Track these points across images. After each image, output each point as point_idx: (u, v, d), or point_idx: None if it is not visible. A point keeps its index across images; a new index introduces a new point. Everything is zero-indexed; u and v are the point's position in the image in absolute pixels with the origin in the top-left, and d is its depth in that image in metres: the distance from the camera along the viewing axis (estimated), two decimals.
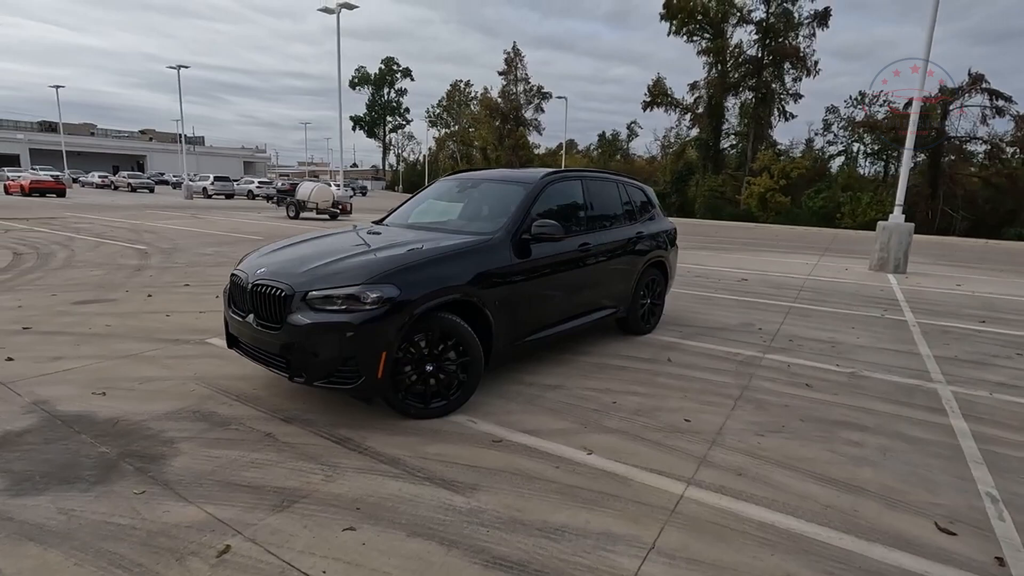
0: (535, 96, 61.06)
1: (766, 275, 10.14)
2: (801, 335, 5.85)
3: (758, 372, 4.61)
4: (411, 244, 3.79)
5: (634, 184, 5.70)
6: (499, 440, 3.27)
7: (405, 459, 3.02)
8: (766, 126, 41.01)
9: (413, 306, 3.24)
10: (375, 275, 3.23)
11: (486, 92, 64.11)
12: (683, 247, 14.86)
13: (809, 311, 7.09)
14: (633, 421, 3.58)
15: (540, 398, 3.92)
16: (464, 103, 72.99)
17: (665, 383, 4.30)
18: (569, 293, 4.54)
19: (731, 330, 5.96)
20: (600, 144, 71.10)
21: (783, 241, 19.72)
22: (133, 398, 3.74)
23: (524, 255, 4.05)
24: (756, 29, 39.33)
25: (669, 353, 5.06)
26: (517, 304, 3.97)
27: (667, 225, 5.96)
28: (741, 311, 6.92)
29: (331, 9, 22.22)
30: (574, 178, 4.86)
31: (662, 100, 43.84)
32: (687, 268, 10.58)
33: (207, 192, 37.68)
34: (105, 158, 71.14)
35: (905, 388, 4.37)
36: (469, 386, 3.58)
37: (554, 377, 4.35)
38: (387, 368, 3.19)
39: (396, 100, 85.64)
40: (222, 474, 2.82)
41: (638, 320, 5.48)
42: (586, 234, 4.71)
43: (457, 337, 3.48)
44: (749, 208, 36.98)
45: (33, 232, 13.44)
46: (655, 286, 5.68)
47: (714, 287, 8.61)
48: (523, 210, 4.16)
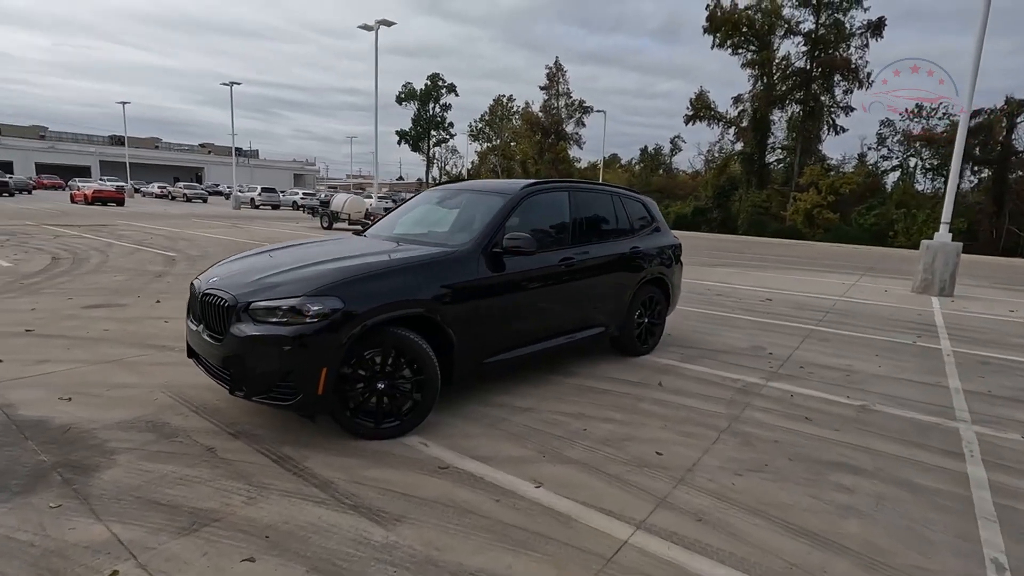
0: (576, 110, 60.96)
1: (793, 295, 9.55)
2: (814, 361, 5.38)
3: (754, 402, 4.22)
4: (374, 255, 3.66)
5: (632, 197, 5.42)
6: (446, 467, 3.06)
7: (339, 483, 2.84)
8: (814, 140, 39.49)
9: (359, 320, 3.08)
10: (319, 287, 3.10)
11: (527, 107, 64.54)
12: (711, 263, 14.37)
13: (831, 335, 6.56)
14: (598, 452, 3.30)
15: (505, 421, 3.69)
16: (506, 118, 73.63)
17: (647, 410, 3.98)
18: (549, 310, 4.30)
19: (738, 353, 5.55)
20: (642, 158, 70.22)
21: (825, 259, 18.73)
22: (96, 405, 3.72)
23: (497, 269, 3.85)
24: (804, 40, 38.09)
25: (661, 377, 4.73)
26: (486, 321, 3.76)
27: (669, 240, 5.64)
28: (755, 333, 6.48)
29: (370, 26, 22.82)
30: (560, 189, 4.63)
31: (705, 114, 42.93)
32: (708, 286, 10.10)
33: (254, 203, 39.16)
34: (167, 170, 75.32)
35: (920, 426, 3.90)
36: (423, 407, 3.39)
37: (528, 399, 4.10)
38: (329, 385, 3.04)
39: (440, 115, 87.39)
40: (146, 490, 2.71)
41: (633, 340, 5.17)
42: (571, 248, 4.46)
43: (411, 354, 3.30)
44: (795, 224, 35.56)
45: (80, 238, 14.14)
46: (653, 304, 5.35)
47: (733, 307, 8.14)
48: (497, 222, 3.96)
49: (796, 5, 37.73)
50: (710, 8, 38.76)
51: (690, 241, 23.89)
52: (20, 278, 8.33)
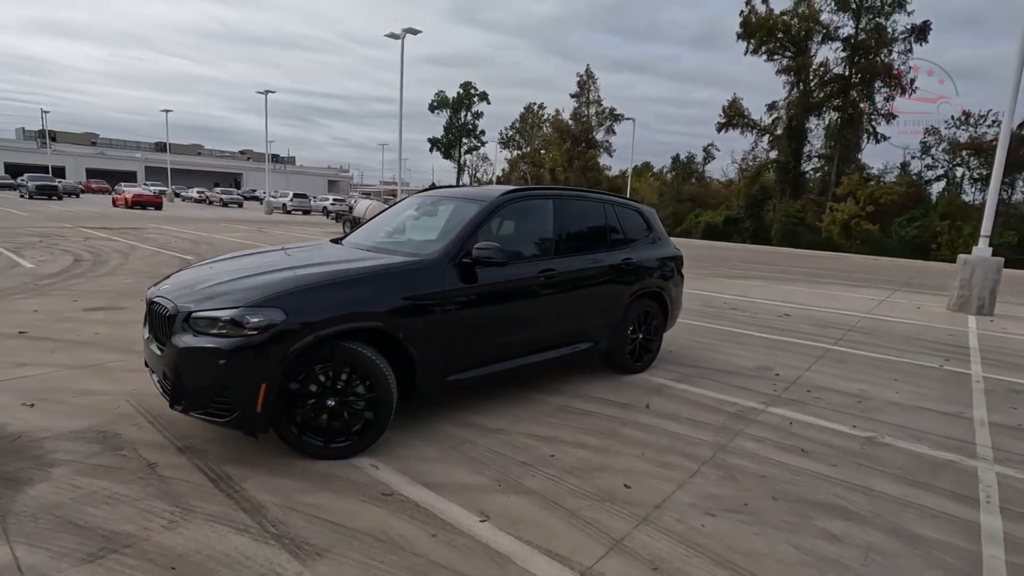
0: (607, 118, 60.50)
1: (816, 311, 9.02)
2: (824, 385, 4.97)
3: (748, 429, 3.87)
4: (335, 264, 3.48)
5: (628, 205, 5.13)
6: (390, 493, 2.84)
7: (270, 508, 2.66)
8: (853, 148, 38.09)
9: (303, 333, 2.90)
10: (261, 297, 2.93)
11: (558, 114, 64.41)
12: (734, 275, 13.81)
13: (848, 356, 6.10)
14: (561, 482, 3.03)
15: (469, 444, 3.45)
16: (536, 125, 73.64)
17: (627, 435, 3.69)
18: (527, 325, 4.05)
19: (741, 374, 5.18)
20: (674, 166, 69.13)
21: (859, 273, 17.85)
22: (55, 412, 3.65)
23: (468, 280, 3.63)
24: (843, 46, 36.87)
25: (651, 398, 4.42)
26: (453, 335, 3.54)
27: (669, 252, 5.32)
28: (765, 351, 6.07)
29: (397, 35, 23.07)
30: (543, 197, 4.39)
31: (738, 121, 41.99)
32: (725, 299, 9.65)
33: (286, 208, 40.01)
34: (208, 175, 77.96)
35: (932, 464, 3.49)
36: (376, 427, 3.18)
37: (502, 418, 3.85)
38: (268, 402, 2.86)
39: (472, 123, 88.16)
40: (68, 509, 2.58)
41: (625, 357, 4.86)
42: (553, 259, 4.21)
43: (364, 370, 3.10)
44: (831, 236, 34.29)
45: (108, 240, 14.56)
46: (649, 319, 5.04)
47: (746, 322, 7.71)
48: (468, 231, 3.74)
49: (835, 9, 36.61)
50: (744, 14, 37.93)
51: (717, 252, 23.23)
52: (37, 279, 8.52)
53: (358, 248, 4.06)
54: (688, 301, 9.11)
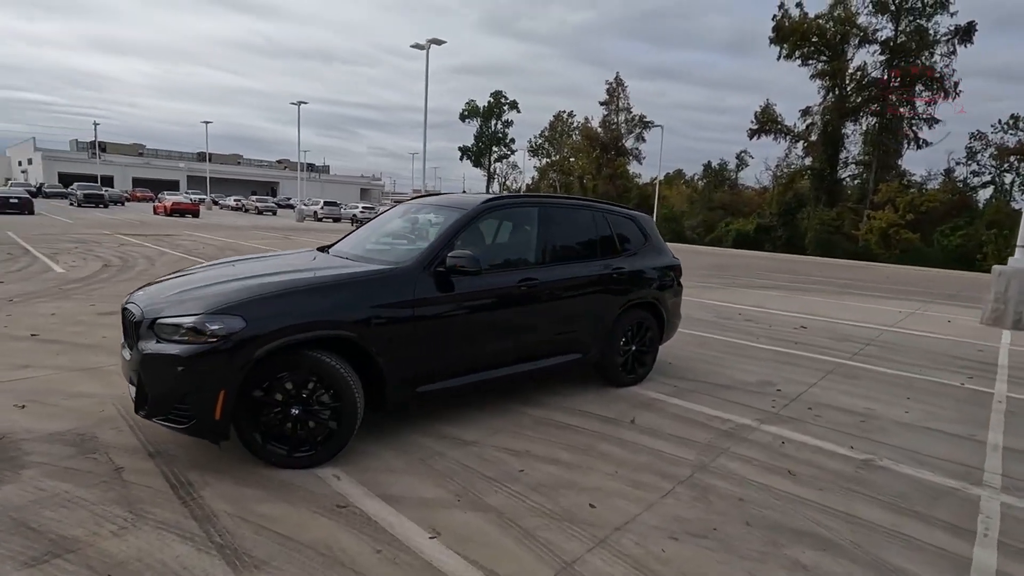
0: (636, 125, 59.98)
1: (835, 323, 8.63)
2: (828, 402, 4.72)
3: (735, 448, 3.69)
4: (307, 271, 3.48)
5: (621, 213, 5.00)
6: (345, 505, 2.79)
7: (222, 517, 2.64)
8: (892, 154, 36.73)
9: (264, 341, 2.89)
10: (221, 305, 2.93)
11: (587, 122, 64.23)
12: (755, 285, 13.37)
13: (862, 372, 5.80)
14: (523, 499, 2.93)
15: (438, 456, 3.38)
16: (566, 133, 73.59)
17: (604, 452, 3.56)
18: (507, 335, 3.97)
19: (740, 389, 4.96)
20: (705, 174, 68.01)
21: (894, 284, 17.11)
22: (43, 414, 3.74)
23: (444, 289, 3.59)
24: (882, 49, 35.68)
25: (639, 412, 4.27)
26: (425, 345, 3.49)
27: (666, 261, 5.16)
28: (772, 366, 5.82)
29: (422, 45, 23.41)
30: (527, 205, 4.31)
31: (771, 127, 41.05)
32: (740, 309, 9.34)
33: (317, 215, 40.89)
34: (246, 184, 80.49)
35: (932, 491, 3.25)
36: (340, 437, 3.14)
37: (478, 430, 3.77)
38: (227, 410, 2.86)
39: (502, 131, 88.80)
40: (26, 511, 2.61)
41: (617, 369, 4.72)
42: (536, 268, 4.12)
43: (329, 380, 3.07)
44: (868, 245, 33.07)
45: (140, 247, 15.10)
46: (643, 331, 4.89)
47: (758, 334, 7.43)
48: (444, 240, 3.69)
49: (872, 12, 35.50)
50: (776, 19, 37.15)
51: (744, 260, 22.64)
52: (63, 283, 8.87)
53: (339, 256, 4.06)
54: (700, 311, 8.87)
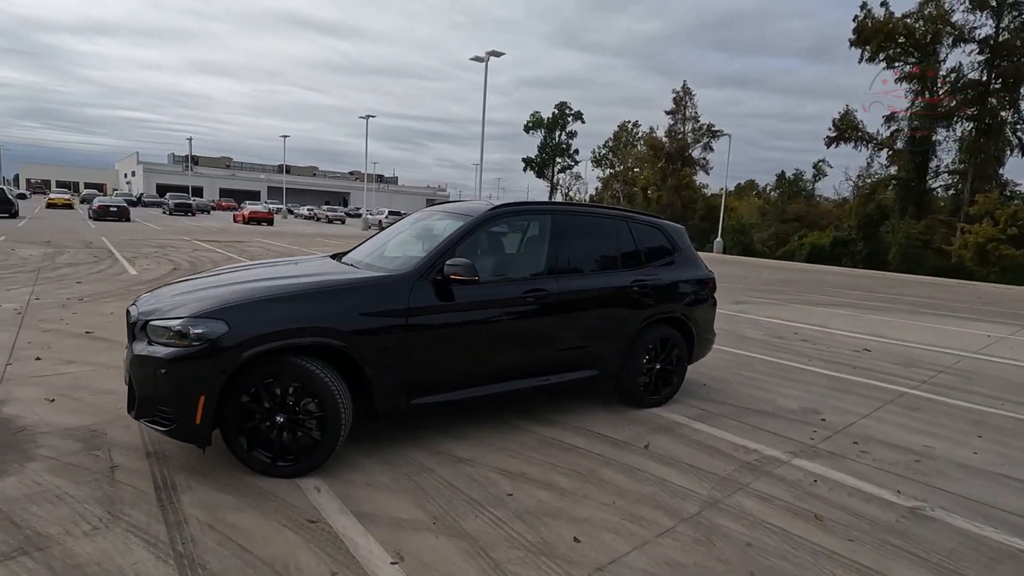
0: (704, 134, 58.10)
1: (907, 347, 7.77)
2: (879, 437, 4.18)
3: (756, 483, 3.30)
4: (303, 278, 3.45)
5: (646, 222, 4.69)
6: (315, 520, 2.69)
7: (192, 524, 2.61)
8: (992, 162, 33.43)
9: (246, 346, 2.86)
10: (206, 309, 2.93)
11: (652, 132, 62.94)
12: (821, 302, 12.33)
13: (926, 403, 5.13)
14: (503, 527, 2.72)
15: (427, 473, 3.23)
16: (630, 143, 72.46)
17: (606, 479, 3.28)
18: (512, 348, 3.78)
19: (778, 416, 4.50)
20: (778, 184, 64.80)
21: (987, 304, 15.36)
22: (67, 409, 3.92)
23: (445, 298, 3.46)
24: (980, 48, 32.68)
25: (656, 437, 3.94)
26: (420, 355, 3.37)
27: (696, 273, 4.79)
28: (820, 392, 5.27)
29: (481, 58, 23.73)
30: (539, 212, 4.12)
31: (851, 135, 38.49)
32: (797, 328, 8.63)
33: (381, 224, 42.30)
34: (320, 194, 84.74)
35: (991, 551, 2.74)
36: (323, 448, 3.06)
37: (476, 447, 3.60)
38: (208, 413, 2.84)
39: (566, 142, 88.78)
40: (16, 505, 2.69)
41: (637, 389, 4.41)
42: (545, 278, 3.91)
43: (313, 388, 3.00)
44: (962, 261, 30.15)
45: (212, 252, 16.07)
46: (668, 348, 4.54)
47: (812, 356, 6.80)
48: (444, 248, 3.57)
49: (970, 8, 32.61)
50: (859, 19, 34.92)
51: (815, 276, 21.20)
52: (132, 284, 9.52)
53: (348, 264, 4.02)
54: (751, 329, 8.27)
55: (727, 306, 10.65)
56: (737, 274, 19.82)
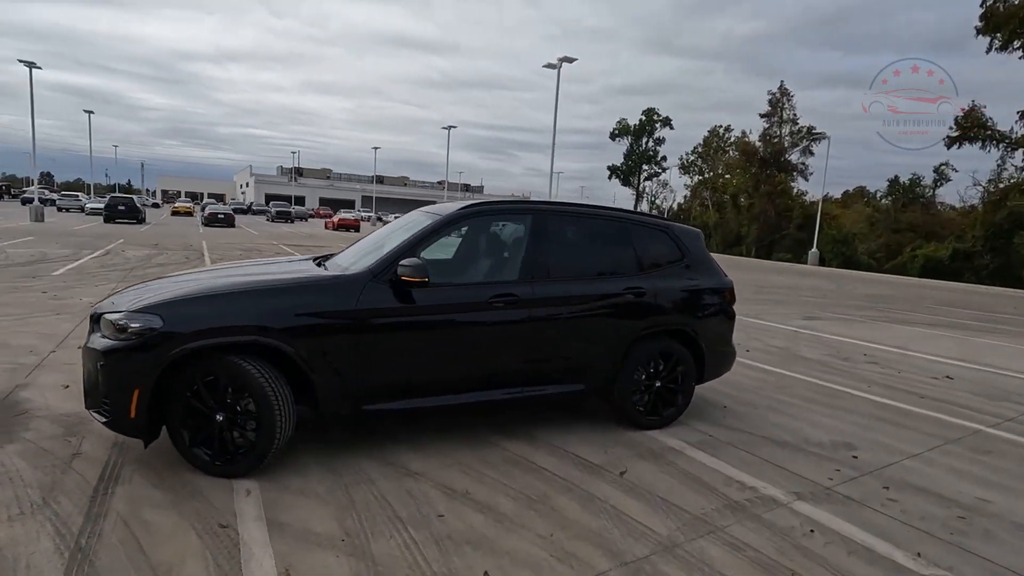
0: (803, 137, 54.05)
1: (1001, 376, 6.53)
2: (922, 483, 3.45)
3: (732, 527, 2.81)
4: (258, 277, 3.42)
5: (649, 224, 4.25)
6: (225, 526, 2.60)
7: (110, 518, 2.61)
8: None
9: (180, 342, 2.85)
10: (146, 304, 2.96)
11: (744, 136, 59.60)
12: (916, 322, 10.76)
13: (1004, 446, 4.21)
14: (413, 551, 2.48)
15: (367, 484, 3.06)
16: (721, 149, 69.05)
17: (558, 507, 2.94)
18: (477, 356, 3.53)
19: (800, 449, 3.88)
20: (890, 190, 58.92)
21: None
22: (73, 395, 4.15)
23: (403, 300, 3.30)
24: None
25: (638, 463, 3.51)
26: (372, 359, 3.22)
27: (709, 282, 4.27)
28: (867, 423, 4.51)
29: (554, 64, 23.56)
30: (517, 212, 3.85)
31: (977, 134, 34.06)
32: (869, 348, 7.56)
33: None
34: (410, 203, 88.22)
35: None
36: (259, 450, 2.98)
37: (431, 460, 3.38)
38: (142, 408, 2.85)
39: (653, 149, 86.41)
40: None
41: (631, 407, 3.98)
42: (519, 283, 3.63)
43: (248, 388, 2.94)
44: None
45: (288, 255, 17.11)
46: (671, 365, 4.07)
47: (875, 382, 5.88)
48: (405, 248, 3.41)
49: None
50: (987, 4, 30.92)
51: (922, 292, 18.86)
52: None
53: (323, 265, 3.97)
54: (811, 348, 7.39)
55: (792, 322, 9.64)
56: (824, 287, 18.07)
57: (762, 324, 9.21)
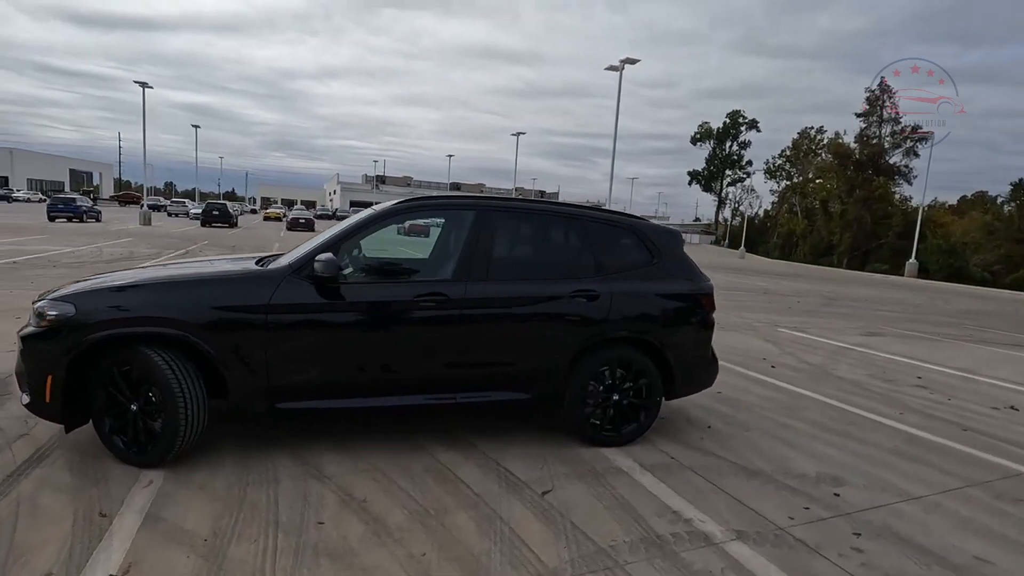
0: (905, 138, 49.23)
1: None
2: (909, 533, 2.85)
3: (633, 565, 2.44)
4: (186, 271, 3.47)
5: (612, 222, 3.87)
6: (105, 515, 2.61)
7: (9, 498, 2.70)
8: None
9: (90, 331, 2.92)
10: (65, 293, 3.06)
11: (837, 137, 55.26)
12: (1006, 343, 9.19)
13: None
14: (267, 559, 2.36)
15: (267, 484, 2.98)
16: (812, 152, 64.39)
17: (450, 525, 2.70)
18: (401, 358, 3.36)
19: (773, 481, 3.36)
20: (1014, 195, 52.28)
21: None
22: None
23: (326, 297, 3.22)
24: None
25: (570, 483, 3.18)
26: (285, 356, 3.15)
27: (677, 287, 3.83)
28: (875, 456, 3.85)
29: (616, 66, 22.94)
30: (459, 208, 3.64)
31: None
32: (926, 371, 6.56)
33: None
34: None
35: None
36: (164, 441, 2.99)
37: (347, 463, 3.25)
38: (56, 393, 2.94)
39: (737, 153, 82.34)
40: None
41: (585, 422, 3.64)
42: (449, 283, 3.43)
43: (154, 380, 2.96)
44: None
45: None
46: (632, 376, 3.69)
47: (913, 407, 5.06)
48: (329, 243, 3.33)
49: None
50: None
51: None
52: None
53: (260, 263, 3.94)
54: (853, 367, 6.56)
55: (845, 337, 8.65)
56: (911, 301, 16.22)
57: (806, 338, 8.33)
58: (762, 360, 6.58)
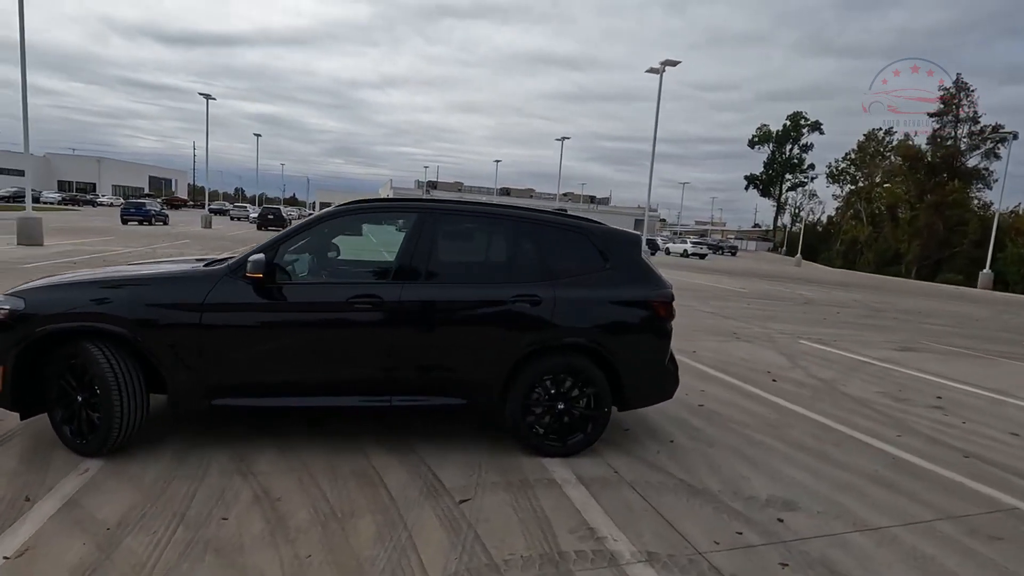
0: (984, 139, 45.66)
1: None
2: (844, 567, 2.58)
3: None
4: (134, 270, 3.63)
5: (561, 225, 3.73)
6: (29, 499, 2.75)
7: None
8: None
9: (36, 324, 3.09)
10: (18, 288, 3.26)
11: (906, 139, 51.89)
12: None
13: None
14: (156, 550, 2.42)
15: (193, 479, 3.05)
16: (879, 154, 60.75)
17: (351, 530, 2.68)
18: (333, 359, 3.38)
19: (714, 502, 3.14)
20: None
21: None
22: None
23: (264, 297, 3.29)
24: None
25: (493, 493, 3.10)
26: (220, 354, 3.24)
27: (632, 293, 3.65)
28: (846, 481, 3.53)
29: (656, 69, 22.42)
30: (400, 211, 3.64)
31: None
32: (951, 390, 5.98)
33: None
34: None
35: None
36: (102, 432, 3.12)
37: (279, 463, 3.29)
38: (7, 384, 3.13)
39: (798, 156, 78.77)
40: None
41: (527, 431, 3.54)
42: (384, 285, 3.42)
43: (94, 373, 3.10)
44: None
45: None
46: (578, 385, 3.55)
47: (917, 430, 4.62)
48: (268, 244, 3.39)
49: None
50: None
51: None
52: None
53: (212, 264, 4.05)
54: (868, 383, 6.11)
55: (871, 351, 8.06)
56: (973, 315, 14.96)
57: (826, 351, 7.81)
58: (765, 373, 6.21)
